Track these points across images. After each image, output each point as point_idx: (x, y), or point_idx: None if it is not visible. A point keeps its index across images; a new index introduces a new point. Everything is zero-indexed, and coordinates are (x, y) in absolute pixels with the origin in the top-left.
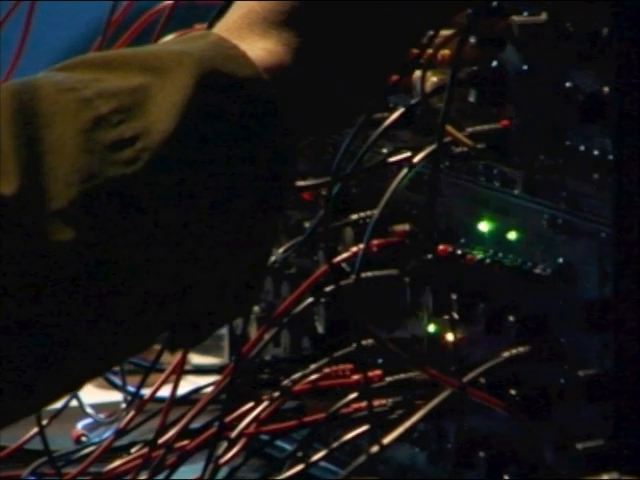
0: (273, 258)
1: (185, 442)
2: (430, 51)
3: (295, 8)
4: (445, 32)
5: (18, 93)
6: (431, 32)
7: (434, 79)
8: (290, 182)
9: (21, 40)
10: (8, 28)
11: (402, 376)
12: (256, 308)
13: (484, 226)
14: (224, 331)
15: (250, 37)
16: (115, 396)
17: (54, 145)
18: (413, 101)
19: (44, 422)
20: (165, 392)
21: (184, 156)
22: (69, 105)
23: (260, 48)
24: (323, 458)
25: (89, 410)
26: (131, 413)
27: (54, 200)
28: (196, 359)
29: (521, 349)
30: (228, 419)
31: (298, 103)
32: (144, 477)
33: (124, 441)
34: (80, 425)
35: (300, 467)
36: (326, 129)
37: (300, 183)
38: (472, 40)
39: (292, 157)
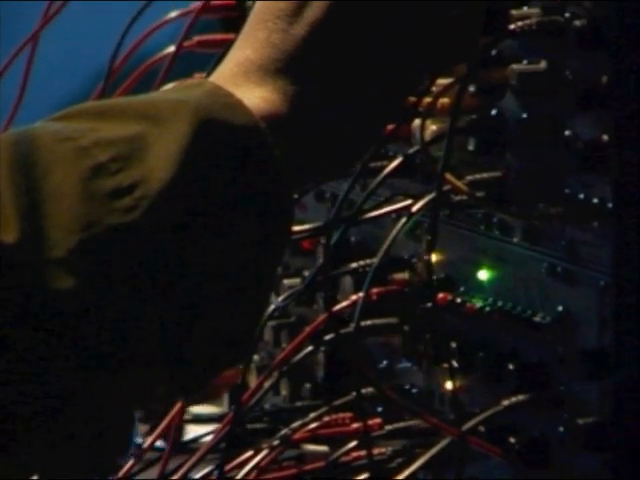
0: (272, 306)
1: None
2: (429, 99)
3: (291, 56)
4: (444, 81)
5: (16, 143)
6: (429, 80)
7: (433, 127)
8: (288, 230)
9: (20, 90)
10: (7, 78)
11: (402, 424)
12: (255, 357)
13: (483, 274)
14: None
15: (246, 85)
16: None
17: (53, 194)
18: (412, 149)
19: None
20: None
21: (182, 204)
22: (67, 154)
23: (256, 96)
24: None
25: None
26: (130, 462)
27: (54, 248)
28: (195, 408)
29: (520, 397)
30: (228, 468)
31: (295, 151)
32: None
33: None
34: None
35: None
36: (324, 177)
37: (298, 228)
38: (471, 89)
39: (289, 205)
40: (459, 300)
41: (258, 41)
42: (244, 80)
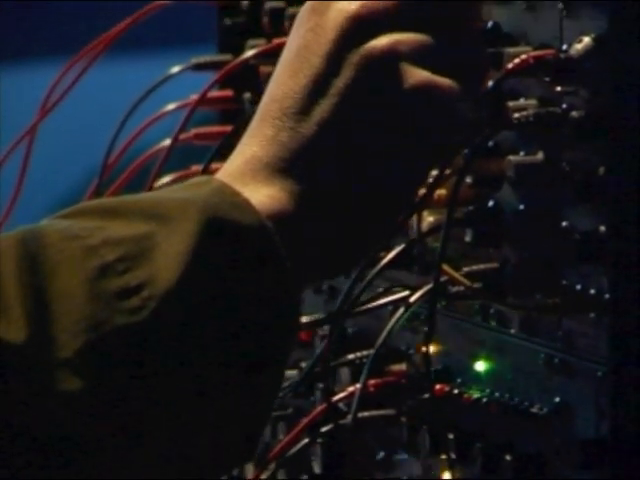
0: None
1: None
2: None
3: (298, 155)
4: None
5: (23, 241)
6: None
7: (430, 219)
8: (295, 328)
9: (17, 184)
10: (4, 174)
11: None
12: None
13: (480, 365)
14: None
15: (253, 184)
16: None
17: (60, 294)
18: (410, 241)
19: None
20: None
21: (189, 304)
22: (74, 253)
23: (263, 195)
24: None
25: None
26: None
27: (61, 349)
28: None
29: None
30: None
31: (301, 249)
32: None
33: None
34: None
35: None
36: (331, 275)
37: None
38: (468, 180)
39: (296, 304)
40: (456, 391)
41: (266, 139)
42: (251, 178)
